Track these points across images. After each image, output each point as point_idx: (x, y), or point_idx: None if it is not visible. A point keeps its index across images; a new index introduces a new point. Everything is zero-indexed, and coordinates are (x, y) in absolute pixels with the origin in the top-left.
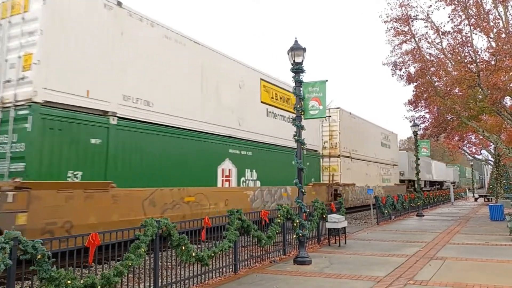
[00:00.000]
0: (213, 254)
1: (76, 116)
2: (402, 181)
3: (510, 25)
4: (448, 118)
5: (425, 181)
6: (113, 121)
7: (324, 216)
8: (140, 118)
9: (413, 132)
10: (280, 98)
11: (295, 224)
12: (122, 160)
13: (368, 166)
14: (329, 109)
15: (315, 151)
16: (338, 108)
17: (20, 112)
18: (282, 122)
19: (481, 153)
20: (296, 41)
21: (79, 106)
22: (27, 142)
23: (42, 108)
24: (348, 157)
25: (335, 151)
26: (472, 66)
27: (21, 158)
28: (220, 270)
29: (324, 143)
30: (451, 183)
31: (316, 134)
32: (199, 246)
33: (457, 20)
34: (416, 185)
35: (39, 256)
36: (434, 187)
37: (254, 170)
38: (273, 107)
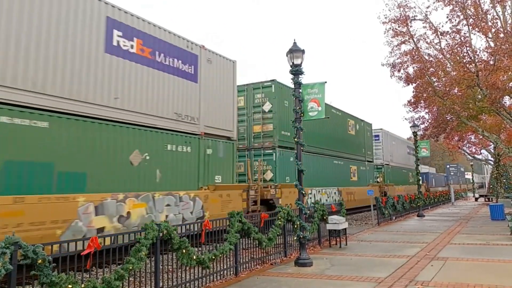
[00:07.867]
0: (214, 257)
1: None
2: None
3: (508, 25)
4: (448, 118)
5: None
6: None
7: (324, 217)
8: None
9: (413, 132)
10: None
11: (295, 226)
12: None
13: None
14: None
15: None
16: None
17: None
18: None
19: (481, 153)
20: (295, 43)
21: None
22: None
23: None
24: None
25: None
26: (471, 66)
27: None
28: (221, 273)
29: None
30: None
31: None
32: (200, 249)
33: (455, 20)
34: (417, 186)
35: (39, 261)
36: None
37: None
38: None
